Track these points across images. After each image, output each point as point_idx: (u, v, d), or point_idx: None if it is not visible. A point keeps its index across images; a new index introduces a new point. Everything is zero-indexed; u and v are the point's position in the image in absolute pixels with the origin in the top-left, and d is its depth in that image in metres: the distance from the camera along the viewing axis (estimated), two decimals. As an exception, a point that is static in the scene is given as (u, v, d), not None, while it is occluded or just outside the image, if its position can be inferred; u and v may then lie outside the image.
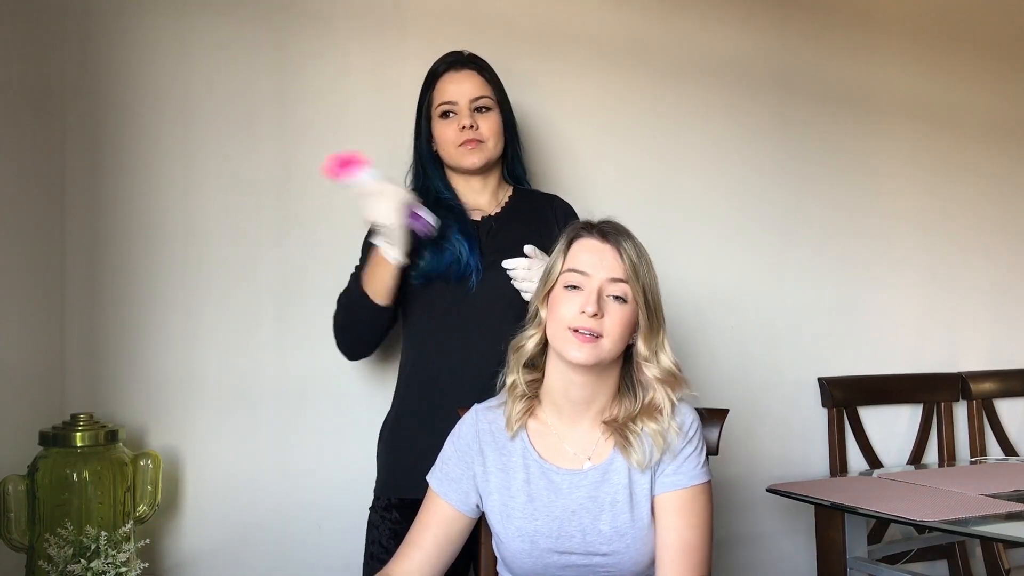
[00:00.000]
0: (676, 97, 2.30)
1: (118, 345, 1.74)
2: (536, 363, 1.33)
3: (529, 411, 1.33)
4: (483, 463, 1.32)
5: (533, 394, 1.34)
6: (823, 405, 2.48)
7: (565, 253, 1.29)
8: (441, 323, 1.63)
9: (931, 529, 2.03)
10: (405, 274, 1.62)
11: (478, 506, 1.34)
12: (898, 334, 2.62)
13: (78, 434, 1.54)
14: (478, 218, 1.70)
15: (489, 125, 1.68)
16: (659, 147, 2.28)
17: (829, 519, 2.10)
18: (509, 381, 1.33)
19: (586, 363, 1.24)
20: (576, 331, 1.23)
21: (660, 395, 1.30)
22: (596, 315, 1.23)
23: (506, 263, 1.60)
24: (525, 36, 2.11)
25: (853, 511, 1.92)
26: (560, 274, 1.28)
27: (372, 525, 1.65)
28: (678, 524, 1.26)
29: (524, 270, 1.58)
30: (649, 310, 1.29)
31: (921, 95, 2.68)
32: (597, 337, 1.24)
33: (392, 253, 1.56)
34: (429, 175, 1.71)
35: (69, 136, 1.72)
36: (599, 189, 2.17)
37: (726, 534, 2.25)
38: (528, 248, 1.59)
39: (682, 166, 2.31)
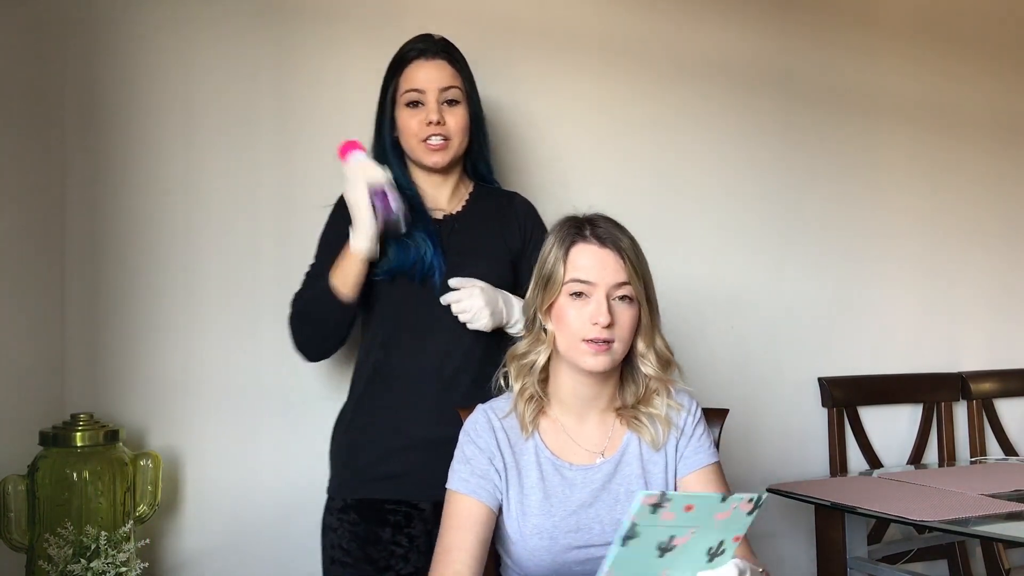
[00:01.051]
0: (677, 97, 2.30)
1: (118, 345, 1.74)
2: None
3: (540, 411, 1.34)
4: (502, 460, 1.31)
5: (542, 394, 1.34)
6: (823, 405, 2.48)
7: (564, 261, 1.27)
8: (404, 321, 1.59)
9: (931, 529, 2.03)
10: (369, 270, 1.56)
11: (501, 503, 1.32)
12: (898, 334, 2.62)
13: (78, 434, 1.54)
14: (440, 217, 1.65)
15: (456, 120, 1.60)
16: (659, 146, 2.28)
17: (829, 519, 2.10)
18: (517, 387, 1.33)
19: (602, 371, 1.26)
20: (589, 341, 1.24)
21: (655, 381, 1.33)
22: (610, 325, 1.24)
23: (444, 299, 1.56)
24: (526, 35, 2.11)
25: (853, 511, 1.93)
26: (564, 284, 1.27)
27: (328, 528, 1.59)
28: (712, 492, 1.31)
29: (456, 303, 1.55)
30: (650, 305, 1.30)
31: (921, 95, 2.68)
32: (609, 343, 1.24)
33: (357, 241, 1.51)
34: (390, 164, 1.60)
35: (69, 136, 1.72)
36: (600, 188, 2.17)
37: (726, 534, 2.25)
38: (453, 281, 1.56)
39: (682, 165, 2.31)
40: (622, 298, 1.26)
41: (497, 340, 1.60)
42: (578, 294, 1.26)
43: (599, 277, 1.25)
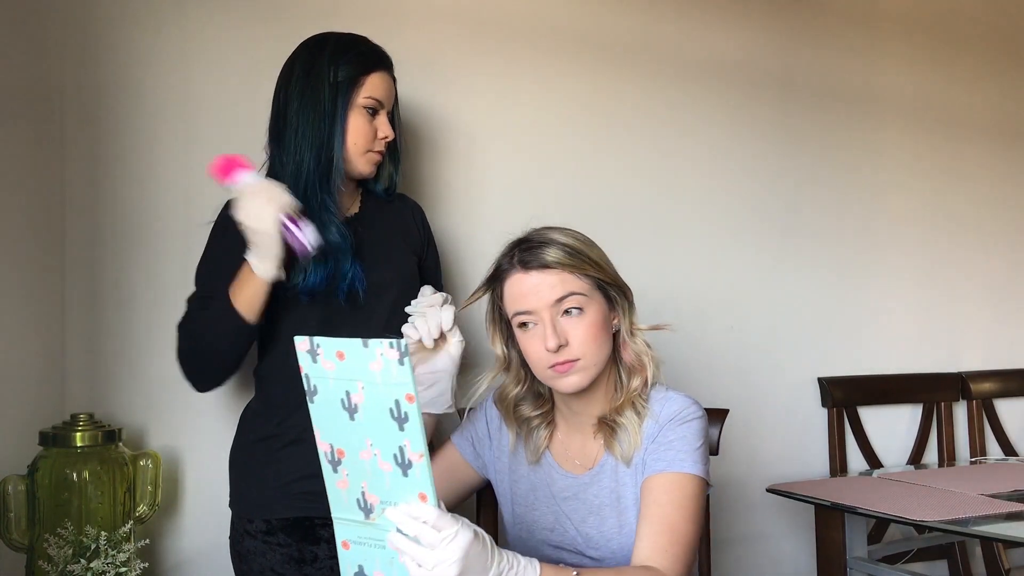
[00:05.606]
0: (676, 97, 2.30)
1: (118, 345, 1.74)
2: (541, 391, 1.35)
3: (550, 434, 1.35)
4: (500, 439, 1.37)
5: (551, 420, 1.35)
6: (823, 405, 2.48)
7: (502, 296, 1.26)
8: (324, 330, 1.43)
9: (931, 529, 2.03)
10: (280, 287, 1.43)
11: (483, 472, 1.40)
12: (898, 334, 2.62)
13: (78, 434, 1.54)
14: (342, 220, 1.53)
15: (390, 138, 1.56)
16: (659, 147, 2.27)
17: (829, 519, 2.10)
18: (512, 432, 1.36)
19: (578, 389, 1.23)
20: (552, 367, 1.21)
21: (636, 378, 1.27)
22: (561, 346, 1.19)
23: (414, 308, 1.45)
24: (523, 36, 2.11)
25: (853, 511, 1.93)
26: (511, 319, 1.25)
27: (253, 553, 1.49)
28: (662, 501, 1.18)
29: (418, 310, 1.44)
30: (611, 288, 1.25)
31: (921, 95, 2.68)
32: (574, 361, 1.21)
33: (263, 267, 1.36)
34: (332, 173, 1.48)
35: (69, 136, 1.72)
36: (598, 188, 2.17)
37: (726, 534, 2.25)
38: (426, 288, 1.49)
39: (683, 166, 2.31)
40: (567, 311, 1.21)
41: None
42: (524, 324, 1.23)
43: (535, 304, 1.21)
